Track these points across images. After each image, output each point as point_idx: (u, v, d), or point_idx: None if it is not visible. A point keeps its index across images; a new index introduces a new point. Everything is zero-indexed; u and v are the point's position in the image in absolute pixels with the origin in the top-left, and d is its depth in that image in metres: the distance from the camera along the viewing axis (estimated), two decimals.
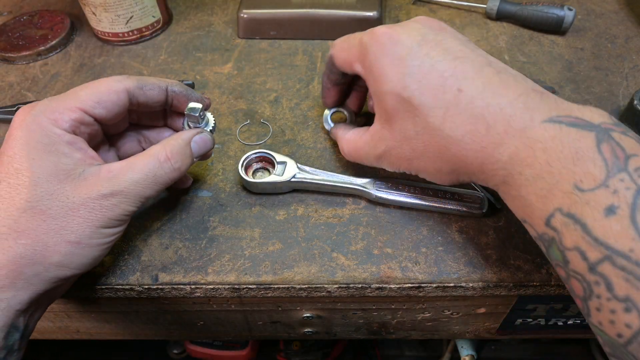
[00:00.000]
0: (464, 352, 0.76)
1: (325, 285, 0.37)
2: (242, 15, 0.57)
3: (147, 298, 0.39)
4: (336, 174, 0.42)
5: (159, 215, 0.41)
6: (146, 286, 0.37)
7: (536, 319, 0.46)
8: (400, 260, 0.38)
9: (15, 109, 0.50)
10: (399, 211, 0.41)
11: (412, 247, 0.39)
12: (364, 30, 0.37)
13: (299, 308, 0.44)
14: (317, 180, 0.41)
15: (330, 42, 0.58)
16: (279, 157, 0.42)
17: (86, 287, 0.38)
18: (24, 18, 0.61)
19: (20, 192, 0.29)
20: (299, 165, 0.42)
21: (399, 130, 0.34)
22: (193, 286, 0.37)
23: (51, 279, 0.30)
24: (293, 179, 0.41)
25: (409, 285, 0.37)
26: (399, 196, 0.41)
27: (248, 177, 0.42)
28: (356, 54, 0.36)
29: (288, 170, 0.42)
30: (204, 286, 0.37)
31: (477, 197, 0.40)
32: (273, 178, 0.41)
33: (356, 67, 0.37)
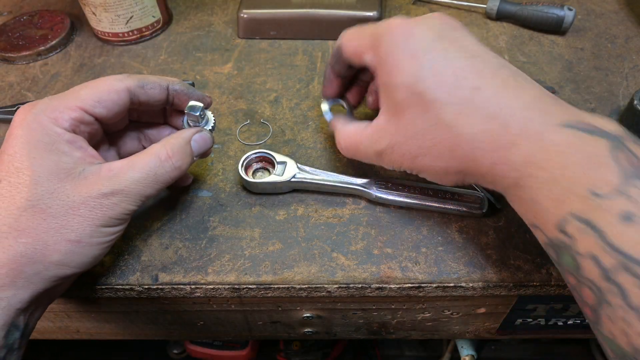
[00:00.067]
0: (464, 352, 0.76)
1: (325, 285, 0.37)
2: (242, 15, 0.57)
3: (147, 298, 0.39)
4: (336, 174, 0.42)
5: (159, 215, 0.41)
6: (146, 286, 0.37)
7: (536, 319, 0.46)
8: (400, 260, 0.38)
9: (15, 109, 0.50)
10: (399, 211, 0.41)
11: (412, 247, 0.39)
12: None
13: (299, 308, 0.44)
14: (317, 180, 0.41)
15: (330, 42, 0.58)
16: (279, 157, 0.42)
17: (86, 287, 0.38)
18: (24, 18, 0.61)
19: (21, 191, 0.29)
20: (299, 165, 0.42)
21: (406, 125, 0.33)
22: (193, 286, 0.37)
23: (51, 278, 0.30)
24: (293, 179, 0.41)
25: (409, 285, 0.37)
26: (399, 196, 0.41)
27: (248, 177, 0.42)
28: (368, 44, 0.35)
29: (288, 170, 0.42)
30: (204, 286, 0.37)
31: (477, 197, 0.40)
32: (273, 178, 0.41)
33: (366, 58, 0.36)
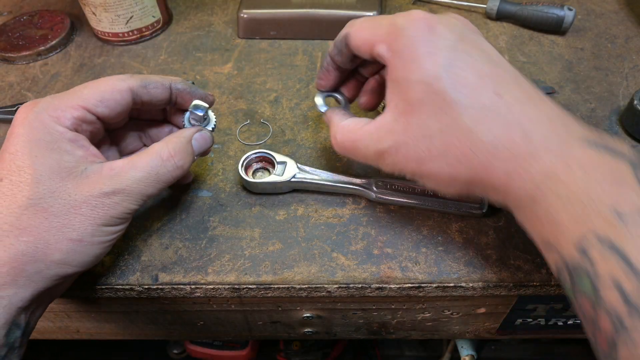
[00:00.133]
0: (464, 352, 0.76)
1: (325, 285, 0.37)
2: (242, 15, 0.57)
3: (147, 298, 0.39)
4: (336, 174, 0.42)
5: (159, 215, 0.41)
6: (146, 286, 0.37)
7: (536, 319, 0.46)
8: (400, 260, 0.38)
9: (15, 109, 0.50)
10: (399, 211, 0.41)
11: (412, 247, 0.39)
12: None
13: (299, 308, 0.44)
14: (317, 180, 0.41)
15: (330, 42, 0.58)
16: (279, 157, 0.42)
17: (86, 287, 0.38)
18: (24, 18, 0.61)
19: (22, 190, 0.29)
20: (299, 165, 0.42)
21: (418, 125, 0.31)
22: (193, 286, 0.37)
23: (52, 277, 0.30)
24: (293, 179, 0.41)
25: (409, 285, 0.37)
26: (399, 196, 0.41)
27: (248, 177, 0.42)
28: (383, 35, 0.33)
29: (288, 170, 0.42)
30: (204, 286, 0.37)
31: (477, 197, 0.40)
32: (273, 178, 0.41)
33: (379, 49, 0.33)
